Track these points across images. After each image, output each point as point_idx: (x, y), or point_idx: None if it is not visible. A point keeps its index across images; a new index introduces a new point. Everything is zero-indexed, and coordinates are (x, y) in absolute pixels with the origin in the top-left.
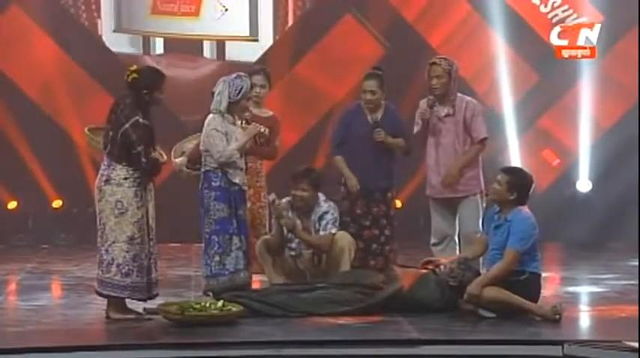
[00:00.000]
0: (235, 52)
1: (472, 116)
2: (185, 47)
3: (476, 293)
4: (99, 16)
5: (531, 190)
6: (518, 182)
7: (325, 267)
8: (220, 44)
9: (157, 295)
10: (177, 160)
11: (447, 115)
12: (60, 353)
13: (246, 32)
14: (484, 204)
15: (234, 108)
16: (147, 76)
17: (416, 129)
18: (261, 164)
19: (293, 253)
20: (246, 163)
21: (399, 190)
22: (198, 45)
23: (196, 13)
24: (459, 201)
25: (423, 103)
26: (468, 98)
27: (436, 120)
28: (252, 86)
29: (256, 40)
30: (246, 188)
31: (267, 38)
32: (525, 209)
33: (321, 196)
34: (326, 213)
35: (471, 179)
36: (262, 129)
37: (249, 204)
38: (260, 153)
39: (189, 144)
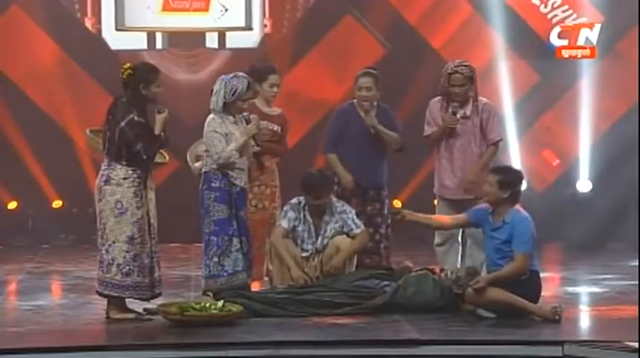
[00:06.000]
0: (235, 42)
1: (488, 118)
2: (188, 41)
3: (481, 287)
4: (85, 14)
5: (522, 186)
6: (508, 179)
7: (328, 268)
8: (222, 35)
9: (160, 294)
10: (197, 164)
11: (464, 117)
12: (60, 353)
13: (242, 23)
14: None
15: (231, 108)
16: (141, 70)
17: (428, 130)
18: (275, 163)
19: (305, 254)
20: (262, 163)
21: (399, 190)
22: (200, 39)
23: (206, 9)
24: (468, 203)
25: (435, 103)
26: (485, 100)
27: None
28: (271, 86)
29: (251, 29)
30: (247, 187)
31: (260, 28)
32: (522, 209)
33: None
34: (343, 212)
35: (483, 182)
36: (274, 128)
37: (265, 204)
38: (272, 151)
39: (202, 147)
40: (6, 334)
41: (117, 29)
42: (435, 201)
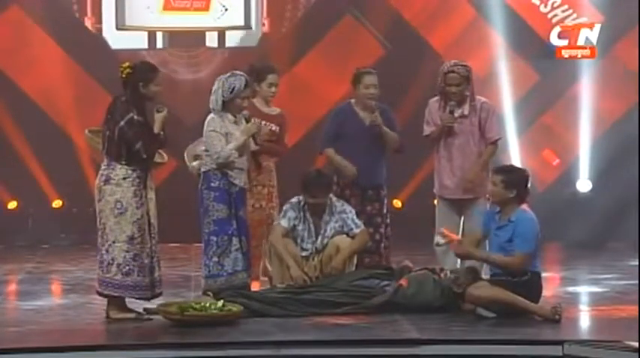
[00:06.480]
0: (235, 41)
1: (487, 117)
2: (188, 41)
3: (464, 253)
4: (85, 14)
5: (529, 184)
6: (514, 179)
7: (328, 270)
8: (221, 35)
9: (160, 294)
10: (194, 164)
11: (463, 116)
12: (60, 353)
13: (242, 22)
14: (488, 207)
15: (230, 106)
16: (141, 69)
17: (427, 130)
18: (273, 162)
19: (304, 254)
20: (259, 162)
21: (399, 190)
22: (201, 38)
23: (207, 8)
24: (467, 203)
25: (434, 103)
26: (483, 99)
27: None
28: (269, 85)
29: (250, 28)
30: (247, 187)
31: (260, 27)
32: (528, 209)
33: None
34: (343, 211)
35: (482, 181)
36: (272, 127)
37: (263, 203)
38: (270, 150)
39: (200, 147)
40: (6, 334)
41: (117, 29)
42: (435, 201)
